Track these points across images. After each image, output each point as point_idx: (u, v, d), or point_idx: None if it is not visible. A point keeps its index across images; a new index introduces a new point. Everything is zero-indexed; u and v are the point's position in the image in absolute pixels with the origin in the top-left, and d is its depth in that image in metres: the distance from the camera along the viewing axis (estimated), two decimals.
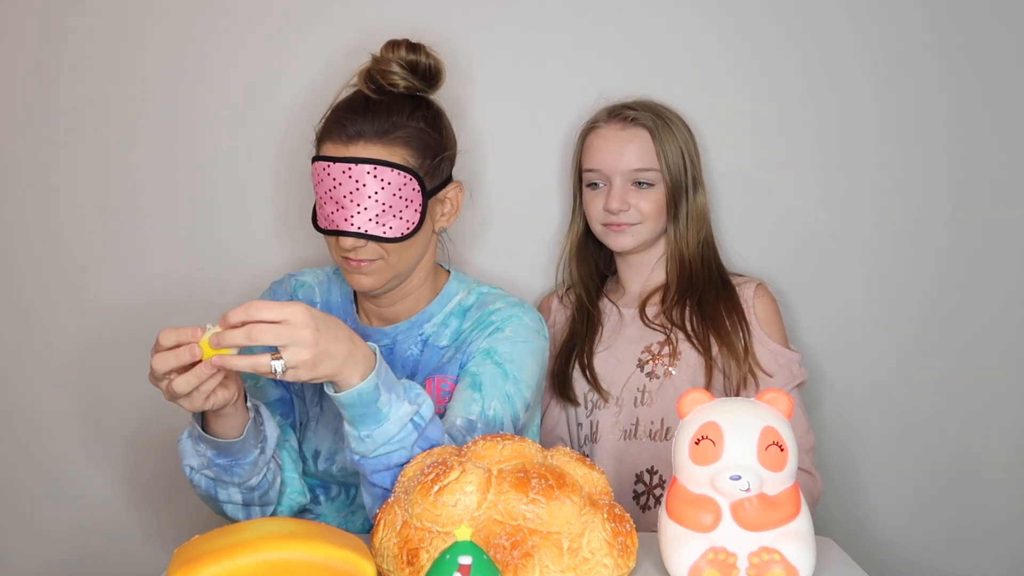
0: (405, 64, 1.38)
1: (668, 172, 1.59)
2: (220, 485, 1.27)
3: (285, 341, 1.05)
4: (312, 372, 1.08)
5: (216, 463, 1.24)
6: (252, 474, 1.27)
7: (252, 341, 1.04)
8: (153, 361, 1.08)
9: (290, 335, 1.05)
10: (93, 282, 1.82)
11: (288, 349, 1.05)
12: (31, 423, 1.84)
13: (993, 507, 1.83)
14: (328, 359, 1.08)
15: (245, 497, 1.29)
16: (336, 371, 1.10)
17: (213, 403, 1.14)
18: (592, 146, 1.63)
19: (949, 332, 1.81)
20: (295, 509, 1.40)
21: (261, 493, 1.30)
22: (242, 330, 1.04)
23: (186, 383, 1.08)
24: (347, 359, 1.10)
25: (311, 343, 1.06)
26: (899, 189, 1.80)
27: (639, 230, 1.61)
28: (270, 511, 1.34)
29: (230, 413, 1.19)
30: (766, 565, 1.01)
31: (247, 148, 1.80)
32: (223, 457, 1.24)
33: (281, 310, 1.06)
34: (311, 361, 1.06)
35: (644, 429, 1.57)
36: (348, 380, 1.11)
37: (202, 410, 1.15)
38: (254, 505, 1.31)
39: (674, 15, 1.78)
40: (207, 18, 1.78)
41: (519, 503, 1.01)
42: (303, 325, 1.06)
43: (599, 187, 1.63)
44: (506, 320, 1.40)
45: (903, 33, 1.77)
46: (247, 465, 1.25)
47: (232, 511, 1.30)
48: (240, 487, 1.27)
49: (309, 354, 1.06)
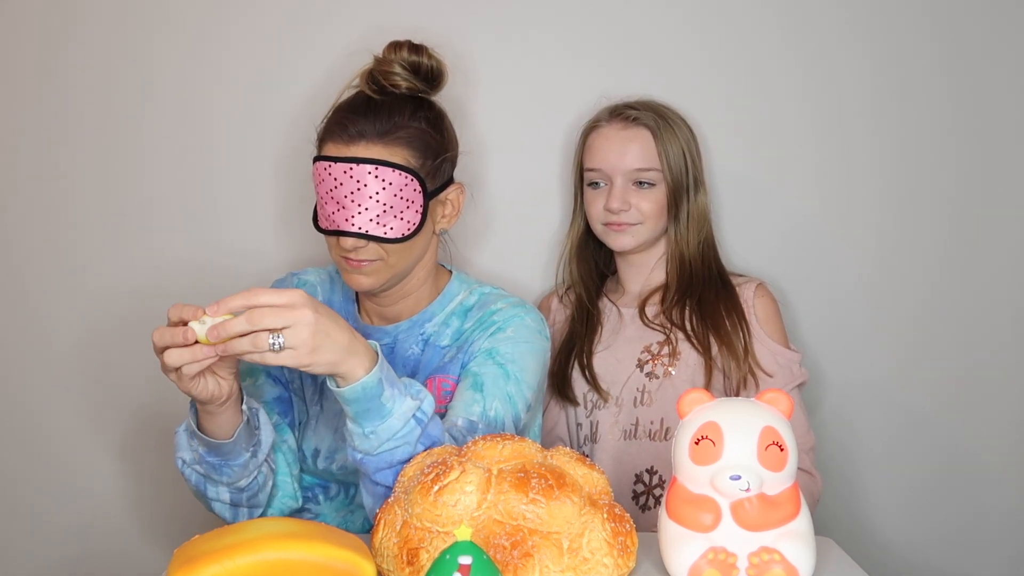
0: (407, 65, 1.38)
1: (669, 172, 1.59)
2: (210, 482, 1.28)
3: (285, 322, 1.05)
4: (312, 355, 1.07)
5: (206, 460, 1.25)
6: (241, 476, 1.27)
7: (253, 326, 1.05)
8: (154, 335, 1.10)
9: (289, 316, 1.05)
10: (95, 279, 1.82)
11: (288, 330, 1.06)
12: (32, 420, 1.85)
13: (993, 506, 1.83)
14: (328, 343, 1.08)
15: (233, 497, 1.29)
16: (338, 360, 1.10)
17: (200, 390, 1.14)
18: (593, 145, 1.63)
19: (948, 331, 1.82)
20: (285, 513, 1.40)
21: (250, 495, 1.30)
22: (242, 316, 1.05)
23: (178, 357, 1.08)
24: (348, 348, 1.10)
25: (310, 322, 1.06)
26: (898, 189, 1.80)
27: (639, 230, 1.61)
28: (258, 513, 1.34)
29: (220, 412, 1.19)
30: (766, 565, 1.01)
31: (249, 147, 1.80)
32: (213, 455, 1.24)
33: (281, 295, 1.06)
34: (310, 341, 1.06)
35: (644, 429, 1.57)
36: (353, 372, 1.11)
37: (192, 395, 1.15)
38: (242, 506, 1.31)
39: (674, 16, 1.78)
40: (211, 19, 1.78)
41: (519, 503, 1.01)
42: (302, 306, 1.06)
43: (600, 187, 1.63)
44: (508, 320, 1.40)
45: (901, 34, 1.77)
46: (237, 467, 1.26)
47: (219, 509, 1.31)
48: (229, 487, 1.28)
49: (308, 333, 1.06)
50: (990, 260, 1.81)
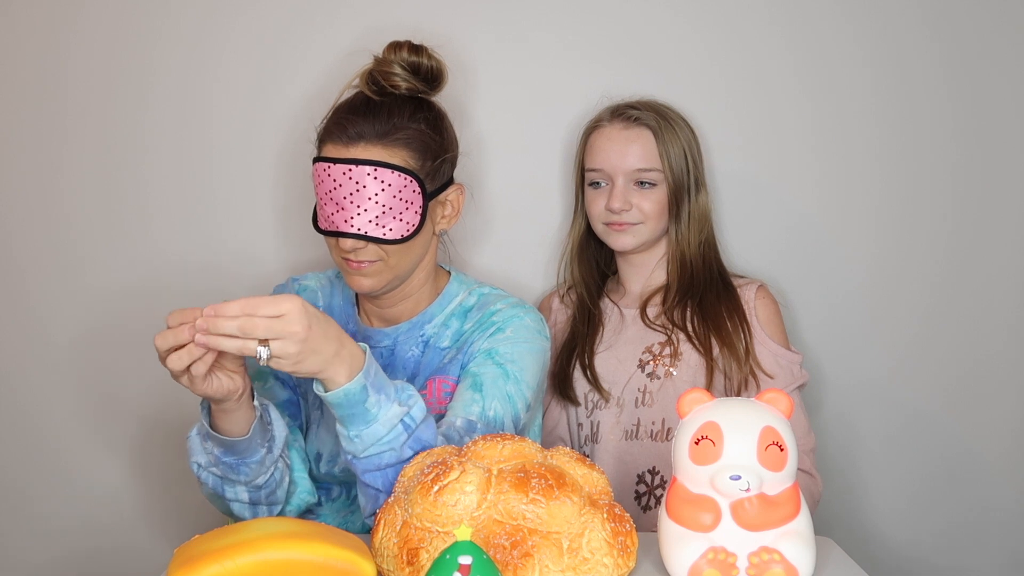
0: (407, 66, 1.38)
1: (671, 172, 1.59)
2: (227, 483, 1.27)
3: (276, 334, 1.07)
4: (295, 366, 1.10)
5: (223, 461, 1.25)
6: (259, 473, 1.27)
7: (243, 334, 1.06)
8: (155, 339, 1.10)
9: (281, 329, 1.07)
10: (94, 279, 1.82)
11: (276, 342, 1.07)
12: (33, 419, 1.85)
13: (993, 506, 1.83)
14: (313, 355, 1.10)
15: (252, 496, 1.29)
16: (320, 368, 1.12)
17: (215, 389, 1.15)
18: (595, 145, 1.63)
19: (948, 331, 1.82)
20: (303, 509, 1.40)
21: (268, 492, 1.30)
22: (236, 321, 1.06)
23: (179, 360, 1.09)
24: (332, 358, 1.12)
25: (300, 339, 1.08)
26: (898, 189, 1.80)
27: (640, 230, 1.61)
28: (277, 510, 1.34)
29: (234, 409, 1.19)
30: (766, 565, 1.01)
31: (249, 147, 1.80)
32: (230, 455, 1.24)
33: (277, 306, 1.07)
34: (296, 355, 1.09)
35: (645, 429, 1.58)
36: (334, 379, 1.13)
37: (207, 396, 1.15)
38: (261, 504, 1.31)
39: (675, 17, 1.78)
40: (210, 19, 1.78)
41: (519, 503, 1.01)
42: (295, 322, 1.08)
43: (601, 186, 1.63)
44: (507, 321, 1.40)
45: (901, 35, 1.77)
46: (254, 464, 1.25)
47: (239, 510, 1.31)
48: (247, 486, 1.28)
49: (295, 349, 1.08)
50: (990, 260, 1.81)
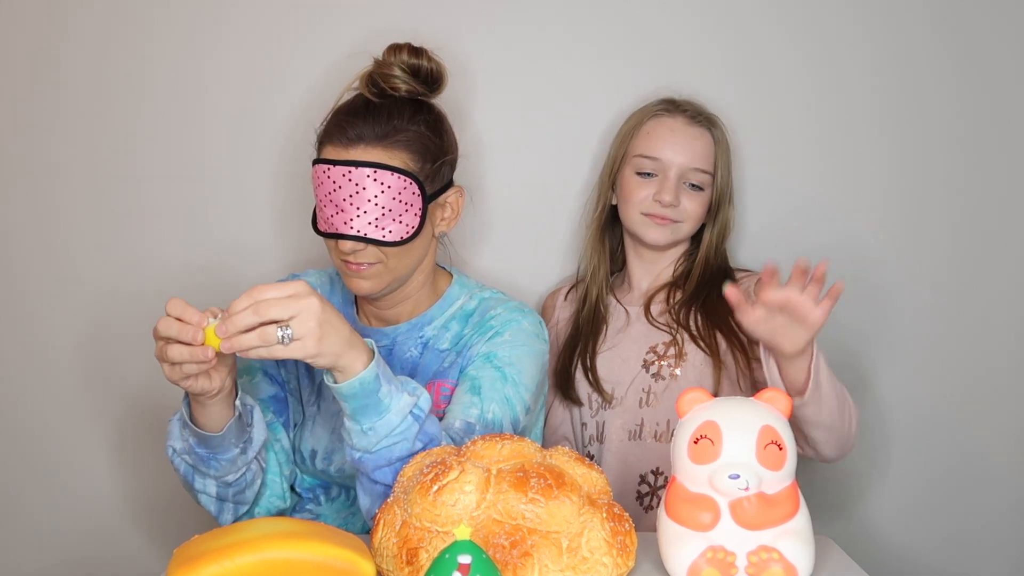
0: (407, 68, 1.38)
1: (719, 179, 1.61)
2: (197, 474, 1.28)
3: (291, 311, 1.07)
4: (319, 344, 1.09)
5: (196, 451, 1.26)
6: (229, 471, 1.28)
7: (260, 317, 1.07)
8: (159, 323, 1.11)
9: (295, 305, 1.08)
10: (91, 280, 1.82)
11: (294, 320, 1.07)
12: (28, 423, 1.85)
13: (994, 507, 1.83)
14: (333, 332, 1.10)
15: (220, 491, 1.30)
16: (341, 351, 1.11)
17: (192, 384, 1.15)
18: (655, 133, 1.61)
19: (951, 333, 1.82)
20: (272, 512, 1.41)
21: (236, 491, 1.31)
22: (249, 308, 1.07)
23: (179, 353, 1.10)
24: (350, 340, 1.12)
25: (316, 311, 1.08)
26: (905, 189, 1.80)
27: (680, 228, 1.61)
28: (244, 510, 1.35)
29: (210, 405, 1.20)
30: (765, 564, 1.01)
31: (248, 149, 1.80)
32: (202, 448, 1.25)
33: (284, 287, 1.09)
34: (317, 330, 1.08)
35: (649, 430, 1.57)
36: (352, 366, 1.13)
37: (178, 385, 1.16)
38: (227, 500, 1.32)
39: (674, 18, 1.78)
40: (209, 19, 1.78)
41: (518, 502, 1.01)
42: (307, 295, 1.09)
43: (650, 176, 1.61)
44: (505, 324, 1.40)
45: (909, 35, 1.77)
46: (225, 461, 1.26)
47: (205, 502, 1.31)
48: (216, 480, 1.29)
49: (315, 321, 1.08)
50: (996, 262, 1.81)
